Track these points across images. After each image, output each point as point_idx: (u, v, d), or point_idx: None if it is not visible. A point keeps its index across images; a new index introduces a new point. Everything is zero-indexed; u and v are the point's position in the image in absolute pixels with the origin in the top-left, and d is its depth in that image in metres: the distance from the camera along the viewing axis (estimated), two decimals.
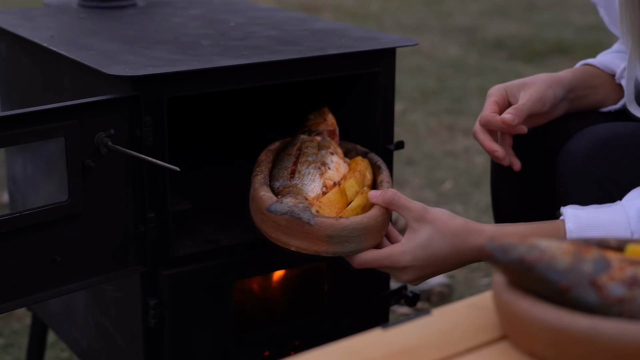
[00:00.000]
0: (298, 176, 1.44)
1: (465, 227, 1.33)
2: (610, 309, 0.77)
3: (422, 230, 1.33)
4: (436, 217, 1.33)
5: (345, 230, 1.32)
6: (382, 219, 1.36)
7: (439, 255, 1.33)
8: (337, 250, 1.33)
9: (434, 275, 1.37)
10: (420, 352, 0.77)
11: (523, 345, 0.78)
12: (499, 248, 0.79)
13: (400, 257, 1.34)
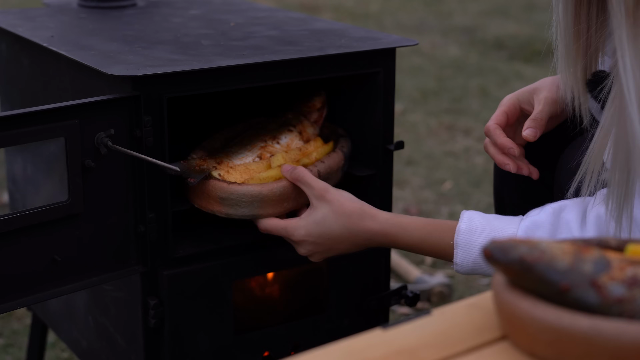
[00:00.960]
0: (237, 146, 1.55)
1: (360, 210, 1.42)
2: (610, 309, 0.77)
3: (319, 208, 1.44)
4: (334, 198, 1.43)
5: (235, 194, 1.45)
6: (281, 192, 1.47)
7: (331, 234, 1.43)
8: (229, 212, 1.47)
9: (330, 253, 1.46)
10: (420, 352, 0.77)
11: (523, 345, 0.78)
12: (499, 248, 0.79)
13: (295, 231, 1.45)
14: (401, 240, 1.41)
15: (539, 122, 1.41)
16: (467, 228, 1.36)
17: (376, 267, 1.65)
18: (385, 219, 1.42)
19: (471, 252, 1.36)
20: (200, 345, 1.52)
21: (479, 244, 1.35)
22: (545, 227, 1.31)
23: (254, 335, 1.58)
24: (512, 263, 0.79)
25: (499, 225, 1.34)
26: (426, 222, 1.41)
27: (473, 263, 1.37)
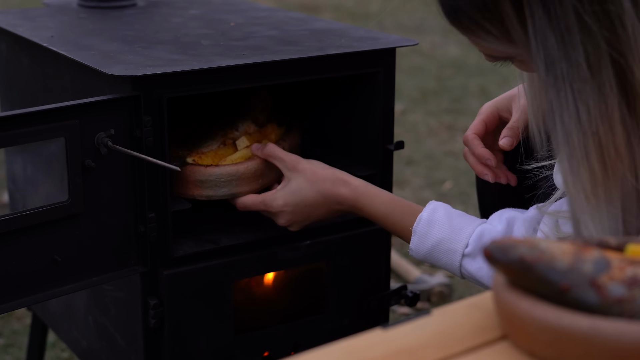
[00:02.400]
0: (199, 138, 1.60)
1: (333, 176, 1.47)
2: (610, 309, 0.77)
3: (293, 179, 1.49)
4: (306, 167, 1.49)
5: (213, 175, 1.51)
6: (255, 168, 1.54)
7: (307, 201, 1.48)
8: (210, 194, 1.51)
9: (307, 220, 1.51)
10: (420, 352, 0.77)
11: (523, 345, 0.78)
12: (499, 248, 0.79)
13: (273, 202, 1.50)
14: (367, 210, 1.46)
15: (514, 131, 1.42)
16: (428, 219, 1.41)
17: (376, 267, 1.65)
18: (356, 186, 1.47)
19: (426, 243, 1.41)
20: (200, 345, 1.52)
21: (434, 237, 1.40)
22: (497, 236, 1.35)
23: (254, 335, 1.58)
24: (512, 263, 0.79)
25: (458, 224, 1.39)
26: (392, 199, 1.45)
27: (426, 252, 1.42)
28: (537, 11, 1.06)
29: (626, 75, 1.06)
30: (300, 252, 1.57)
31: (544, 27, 1.06)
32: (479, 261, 1.38)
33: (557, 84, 1.08)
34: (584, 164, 1.08)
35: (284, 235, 1.57)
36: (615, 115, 1.07)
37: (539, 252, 0.78)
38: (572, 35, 1.05)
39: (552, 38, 1.06)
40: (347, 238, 1.59)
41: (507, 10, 1.09)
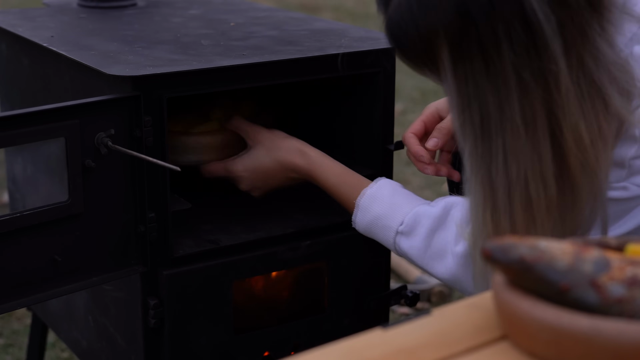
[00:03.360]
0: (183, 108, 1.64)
1: (291, 145, 1.55)
2: (610, 309, 0.77)
3: (254, 147, 1.58)
4: (266, 136, 1.57)
5: (181, 141, 1.59)
6: (222, 139, 1.63)
7: (264, 167, 1.56)
8: (177, 159, 1.57)
9: (267, 187, 1.58)
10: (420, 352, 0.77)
11: (523, 345, 0.78)
12: (499, 248, 0.79)
13: (233, 167, 1.58)
14: (319, 180, 1.53)
15: (442, 132, 1.49)
16: (371, 194, 1.47)
17: (376, 267, 1.65)
18: (311, 156, 1.54)
19: (366, 217, 1.47)
20: (200, 345, 1.52)
21: (374, 212, 1.46)
22: (431, 218, 1.41)
23: (254, 335, 1.58)
24: (512, 263, 0.79)
25: (397, 202, 1.45)
26: (344, 172, 1.52)
27: (365, 226, 1.48)
28: (476, 65, 1.06)
29: (557, 134, 1.06)
30: (300, 252, 1.57)
31: (481, 81, 1.06)
32: (411, 239, 1.43)
33: (490, 137, 1.08)
34: (506, 218, 1.09)
35: (284, 235, 1.57)
36: (549, 175, 1.08)
37: (539, 252, 0.78)
38: (509, 91, 1.05)
39: (489, 93, 1.06)
40: (347, 238, 1.59)
41: (444, 61, 1.08)
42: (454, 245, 1.38)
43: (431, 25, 1.06)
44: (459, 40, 1.05)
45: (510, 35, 1.03)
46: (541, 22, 1.02)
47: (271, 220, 1.61)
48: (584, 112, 1.06)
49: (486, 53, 1.04)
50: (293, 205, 1.66)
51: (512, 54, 1.04)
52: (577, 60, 1.05)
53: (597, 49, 1.06)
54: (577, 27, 1.04)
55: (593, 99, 1.06)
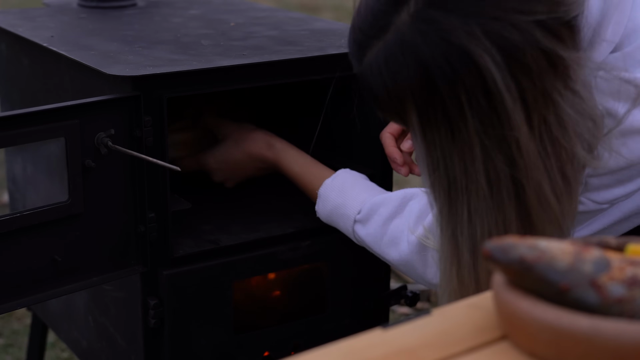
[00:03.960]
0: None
1: (258, 137, 1.62)
2: (610, 309, 0.77)
3: (223, 140, 1.66)
4: (234, 130, 1.66)
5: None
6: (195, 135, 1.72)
7: (233, 159, 1.64)
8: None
9: (237, 177, 1.67)
10: (420, 352, 0.77)
11: (523, 345, 0.78)
12: (499, 248, 0.79)
13: (205, 160, 1.67)
14: (284, 170, 1.60)
15: None
16: (332, 183, 1.52)
17: (376, 267, 1.65)
18: (278, 147, 1.60)
19: (327, 206, 1.52)
20: (200, 345, 1.52)
21: (334, 201, 1.50)
22: (389, 207, 1.44)
23: (254, 335, 1.58)
24: (512, 263, 0.79)
25: (357, 191, 1.49)
26: (308, 162, 1.58)
27: (326, 215, 1.53)
28: (442, 131, 1.07)
29: (521, 194, 1.08)
30: (300, 252, 1.57)
31: (448, 146, 1.08)
32: (367, 227, 1.46)
33: (456, 198, 1.10)
34: (471, 276, 1.12)
35: (284, 235, 1.57)
36: (513, 231, 1.09)
37: (539, 252, 0.78)
38: (474, 156, 1.07)
39: (455, 157, 1.08)
40: (347, 238, 1.59)
41: (414, 124, 1.09)
42: (409, 233, 1.40)
43: (399, 90, 1.08)
44: (426, 107, 1.07)
45: (472, 104, 1.04)
46: (502, 92, 1.03)
47: (271, 220, 1.61)
48: (548, 171, 1.08)
49: (452, 120, 1.06)
50: (293, 205, 1.66)
51: (476, 122, 1.05)
52: (539, 120, 1.06)
53: (561, 107, 1.07)
54: (539, 90, 1.05)
55: (557, 153, 1.08)
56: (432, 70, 1.04)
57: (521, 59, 1.03)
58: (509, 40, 1.02)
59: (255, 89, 1.77)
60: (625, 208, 1.29)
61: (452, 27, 1.03)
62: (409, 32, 1.05)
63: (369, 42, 1.10)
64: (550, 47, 1.04)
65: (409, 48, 1.05)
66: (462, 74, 1.03)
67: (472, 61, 1.03)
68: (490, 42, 1.02)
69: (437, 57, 1.03)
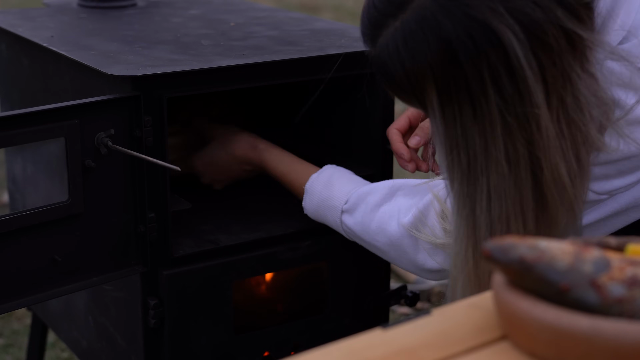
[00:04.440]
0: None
1: (242, 139, 1.64)
2: (610, 309, 0.77)
3: (211, 143, 1.68)
4: (220, 132, 1.68)
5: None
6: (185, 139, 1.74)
7: (220, 161, 1.66)
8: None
9: (225, 178, 1.69)
10: (420, 352, 0.77)
11: (523, 345, 0.78)
12: (499, 248, 0.79)
13: (193, 163, 1.69)
14: (269, 169, 1.60)
15: (424, 130, 1.49)
16: (318, 178, 1.51)
17: (376, 267, 1.65)
18: (262, 148, 1.62)
19: (313, 200, 1.51)
20: (200, 345, 1.52)
21: (320, 195, 1.50)
22: (377, 195, 1.44)
23: (254, 335, 1.58)
24: (512, 263, 0.79)
25: (343, 184, 1.49)
26: (293, 160, 1.59)
27: (314, 210, 1.52)
28: (464, 108, 1.07)
29: (538, 173, 1.09)
30: (300, 252, 1.57)
31: (469, 124, 1.08)
32: (355, 216, 1.45)
33: (476, 177, 1.10)
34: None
35: (284, 235, 1.57)
36: (529, 211, 1.10)
37: (539, 252, 0.78)
38: (495, 132, 1.07)
39: (476, 135, 1.08)
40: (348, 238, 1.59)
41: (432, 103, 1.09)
42: (401, 216, 1.39)
43: (419, 68, 1.07)
44: (447, 84, 1.07)
45: (496, 79, 1.05)
46: (524, 69, 1.04)
47: (271, 220, 1.61)
48: (564, 151, 1.08)
49: (474, 96, 1.06)
50: (293, 205, 1.66)
51: (497, 98, 1.05)
52: (557, 100, 1.07)
53: (578, 89, 1.08)
54: (559, 69, 1.06)
55: (573, 134, 1.09)
56: (455, 45, 1.04)
57: (543, 37, 1.03)
58: (531, 17, 1.03)
59: (254, 89, 1.77)
60: (623, 200, 1.29)
61: (476, 3, 1.03)
62: (430, 9, 1.05)
63: (385, 20, 1.09)
64: (570, 27, 1.04)
65: (431, 24, 1.04)
66: (485, 50, 1.03)
67: (496, 37, 1.03)
68: (513, 18, 1.02)
69: (460, 32, 1.03)
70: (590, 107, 1.09)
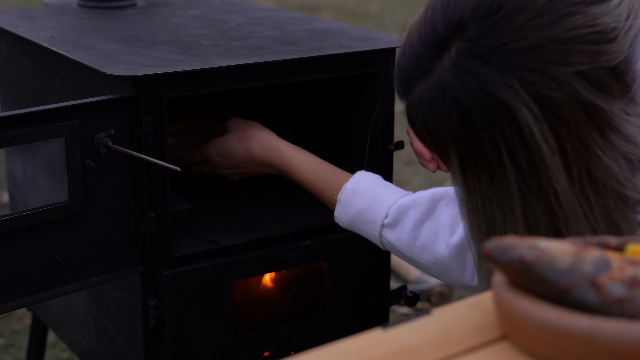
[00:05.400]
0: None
1: (263, 138, 1.57)
2: (610, 309, 0.77)
3: (228, 133, 1.61)
4: (239, 125, 1.60)
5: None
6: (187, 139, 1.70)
7: (235, 155, 1.59)
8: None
9: (242, 172, 1.62)
10: (420, 352, 0.77)
11: (523, 345, 0.78)
12: (499, 248, 0.79)
13: (207, 151, 1.63)
14: (292, 175, 1.54)
15: None
16: (352, 188, 1.46)
17: (376, 267, 1.65)
18: (284, 151, 1.55)
19: (348, 212, 1.47)
20: (200, 345, 1.52)
21: (356, 207, 1.45)
22: (419, 209, 1.41)
23: (254, 335, 1.58)
24: (512, 263, 0.79)
25: (380, 195, 1.44)
26: (319, 166, 1.52)
27: (349, 222, 1.48)
28: (482, 176, 1.08)
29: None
30: (300, 252, 1.57)
31: (487, 192, 1.09)
32: (397, 231, 1.43)
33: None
34: None
35: (284, 235, 1.57)
36: None
37: (539, 252, 0.78)
38: (513, 202, 1.08)
39: (494, 203, 1.09)
40: (347, 238, 1.59)
41: (454, 166, 1.11)
42: (447, 235, 1.39)
43: (441, 133, 1.09)
44: (466, 151, 1.08)
45: (511, 152, 1.05)
46: (539, 143, 1.04)
47: (271, 220, 1.61)
48: (589, 220, 1.08)
49: (491, 166, 1.07)
50: (293, 205, 1.66)
51: (514, 169, 1.06)
52: (579, 171, 1.06)
53: (603, 157, 1.07)
54: (579, 141, 1.05)
55: (605, 201, 1.08)
56: (472, 117, 1.05)
57: (559, 112, 1.03)
58: (546, 94, 1.03)
59: (254, 89, 1.77)
60: None
61: (491, 79, 1.04)
62: (450, 80, 1.06)
63: (413, 82, 1.11)
64: (589, 99, 1.04)
65: (450, 94, 1.06)
66: (500, 124, 1.04)
67: (510, 113, 1.03)
68: (528, 94, 1.03)
69: (476, 105, 1.04)
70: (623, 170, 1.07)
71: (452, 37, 1.07)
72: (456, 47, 1.06)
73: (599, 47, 1.04)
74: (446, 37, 1.07)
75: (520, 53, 1.03)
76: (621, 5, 1.07)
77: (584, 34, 1.04)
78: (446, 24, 1.07)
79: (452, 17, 1.07)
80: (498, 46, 1.04)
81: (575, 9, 1.04)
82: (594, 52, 1.04)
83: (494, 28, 1.04)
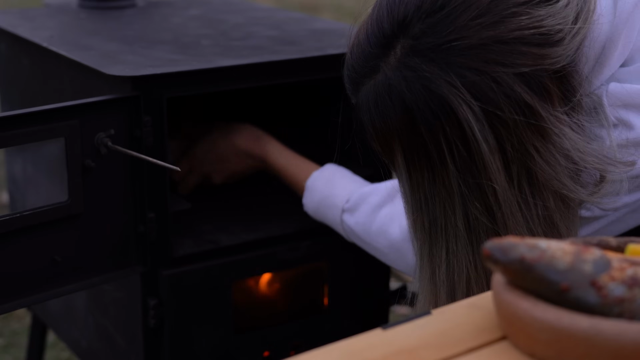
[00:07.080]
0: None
1: (246, 128, 1.62)
2: (610, 309, 0.77)
3: (212, 133, 1.65)
4: (224, 125, 1.65)
5: None
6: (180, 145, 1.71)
7: (218, 147, 1.63)
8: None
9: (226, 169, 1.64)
10: (420, 352, 0.77)
11: (523, 346, 0.78)
12: (499, 248, 0.79)
13: (193, 151, 1.65)
14: (270, 162, 1.59)
15: None
16: (320, 176, 1.51)
17: (376, 267, 1.65)
18: (264, 140, 1.60)
19: (314, 197, 1.51)
20: (200, 345, 1.52)
21: (321, 193, 1.50)
22: (378, 195, 1.44)
23: (254, 335, 1.58)
24: (512, 263, 0.79)
25: (345, 183, 1.49)
26: (294, 156, 1.58)
27: (314, 208, 1.52)
28: (425, 174, 1.09)
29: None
30: (300, 252, 1.57)
31: (429, 189, 1.10)
32: (355, 216, 1.45)
33: (436, 240, 1.12)
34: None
35: (284, 235, 1.57)
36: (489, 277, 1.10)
37: (539, 252, 0.78)
38: (453, 200, 1.08)
39: (436, 200, 1.10)
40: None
41: (400, 165, 1.12)
42: (402, 219, 1.38)
43: (387, 130, 1.10)
44: (410, 149, 1.08)
45: (452, 151, 1.06)
46: (479, 142, 1.04)
47: (271, 220, 1.61)
48: (528, 221, 1.08)
49: (433, 164, 1.07)
50: (293, 205, 1.66)
51: (454, 168, 1.06)
52: (519, 171, 1.07)
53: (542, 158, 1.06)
54: (518, 142, 1.05)
55: (544, 202, 1.08)
56: (415, 114, 1.05)
57: (499, 113, 1.04)
58: (487, 94, 1.03)
59: (253, 89, 1.77)
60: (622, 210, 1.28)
61: (434, 77, 1.04)
62: (395, 77, 1.06)
63: (361, 80, 1.12)
64: (529, 102, 1.04)
65: (395, 91, 1.06)
66: (442, 122, 1.04)
67: (452, 111, 1.03)
68: (469, 93, 1.03)
69: (419, 103, 1.04)
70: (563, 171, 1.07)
71: (397, 35, 1.07)
72: (401, 45, 1.06)
73: (542, 50, 1.04)
74: (392, 34, 1.07)
75: (462, 51, 1.03)
76: (568, 7, 1.06)
77: (528, 35, 1.03)
78: (392, 21, 1.07)
79: (397, 15, 1.07)
80: (441, 44, 1.04)
81: (520, 9, 1.04)
82: (537, 54, 1.04)
83: (438, 26, 1.04)
